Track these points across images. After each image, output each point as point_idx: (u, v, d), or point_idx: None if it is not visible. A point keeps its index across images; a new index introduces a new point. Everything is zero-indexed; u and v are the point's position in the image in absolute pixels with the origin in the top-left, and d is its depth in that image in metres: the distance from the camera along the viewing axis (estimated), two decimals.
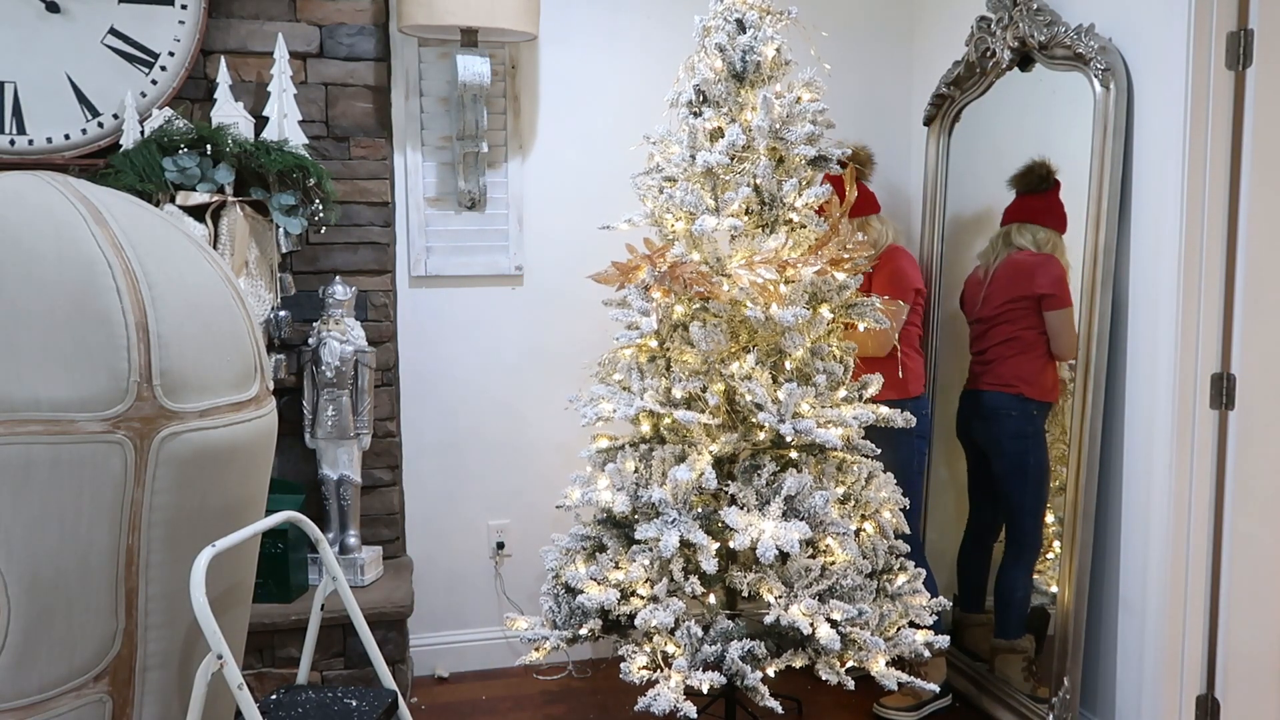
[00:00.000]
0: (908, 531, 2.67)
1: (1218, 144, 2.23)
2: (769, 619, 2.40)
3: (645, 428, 2.55)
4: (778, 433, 2.39)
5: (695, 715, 2.31)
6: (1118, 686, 2.50)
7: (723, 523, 2.41)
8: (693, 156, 2.57)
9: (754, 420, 2.42)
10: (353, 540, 2.89)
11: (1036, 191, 2.77)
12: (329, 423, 2.82)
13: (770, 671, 2.41)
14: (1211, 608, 2.34)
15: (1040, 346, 2.71)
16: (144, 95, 2.70)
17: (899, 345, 2.83)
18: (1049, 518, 2.72)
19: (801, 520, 2.42)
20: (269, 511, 1.99)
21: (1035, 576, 2.77)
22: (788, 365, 2.51)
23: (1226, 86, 2.23)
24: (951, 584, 3.01)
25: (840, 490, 2.55)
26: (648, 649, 2.44)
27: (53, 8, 2.63)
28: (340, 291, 2.82)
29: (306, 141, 2.77)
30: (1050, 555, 2.72)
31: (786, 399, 2.40)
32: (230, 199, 2.62)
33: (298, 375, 2.87)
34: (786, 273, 2.42)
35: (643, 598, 2.47)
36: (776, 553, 2.30)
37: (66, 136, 2.68)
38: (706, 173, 2.54)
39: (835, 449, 2.41)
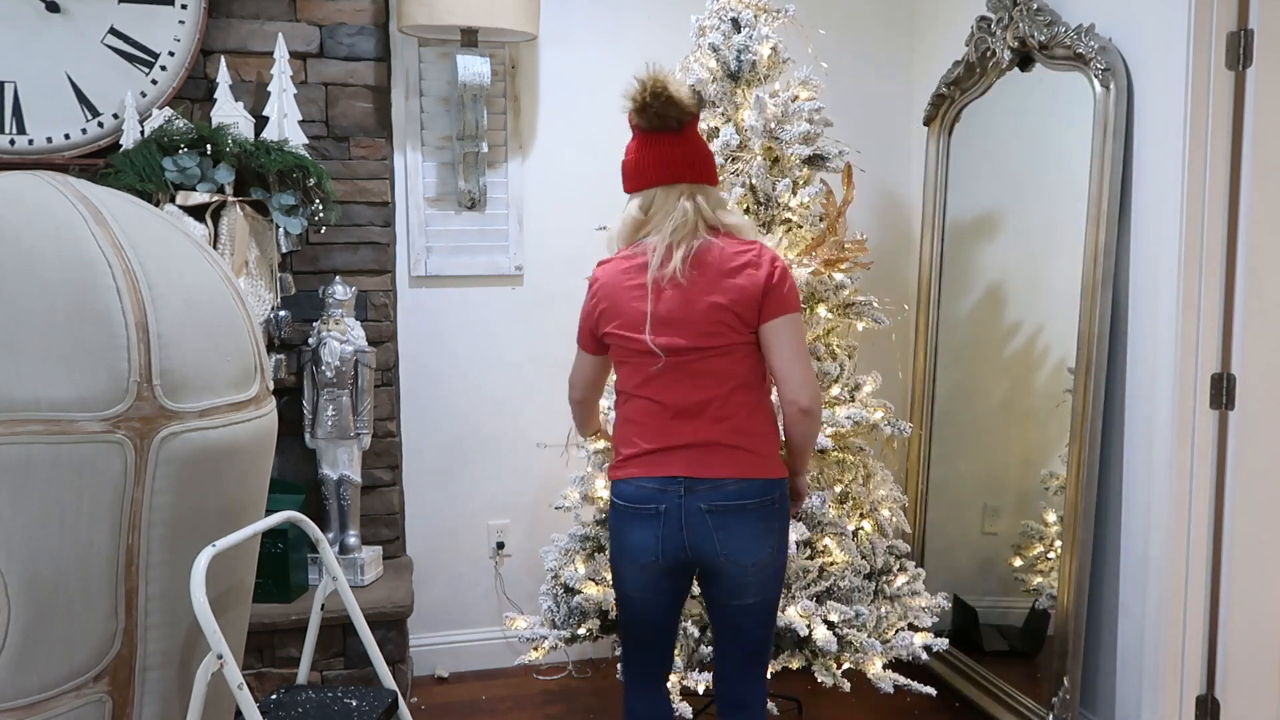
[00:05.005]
0: (908, 530, 2.68)
1: (1218, 144, 2.23)
2: None
3: None
4: None
5: (691, 716, 2.31)
6: (1118, 686, 2.50)
7: None
8: None
9: None
10: (353, 540, 2.89)
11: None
12: (329, 423, 2.83)
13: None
14: (1211, 608, 2.34)
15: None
16: (144, 95, 2.70)
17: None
18: (1050, 517, 2.72)
19: (799, 520, 2.42)
20: (269, 511, 1.99)
21: (1039, 579, 2.77)
22: None
23: (1226, 86, 2.23)
24: (951, 584, 3.01)
25: (838, 489, 2.56)
26: None
27: (53, 7, 2.63)
28: (340, 291, 2.82)
29: (306, 141, 2.77)
30: (1050, 555, 2.72)
31: None
32: (230, 199, 2.62)
33: (298, 375, 2.88)
34: None
35: None
36: None
37: (66, 136, 2.68)
38: None
39: (827, 450, 2.41)
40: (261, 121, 2.74)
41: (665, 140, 1.87)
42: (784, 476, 1.91)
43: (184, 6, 2.71)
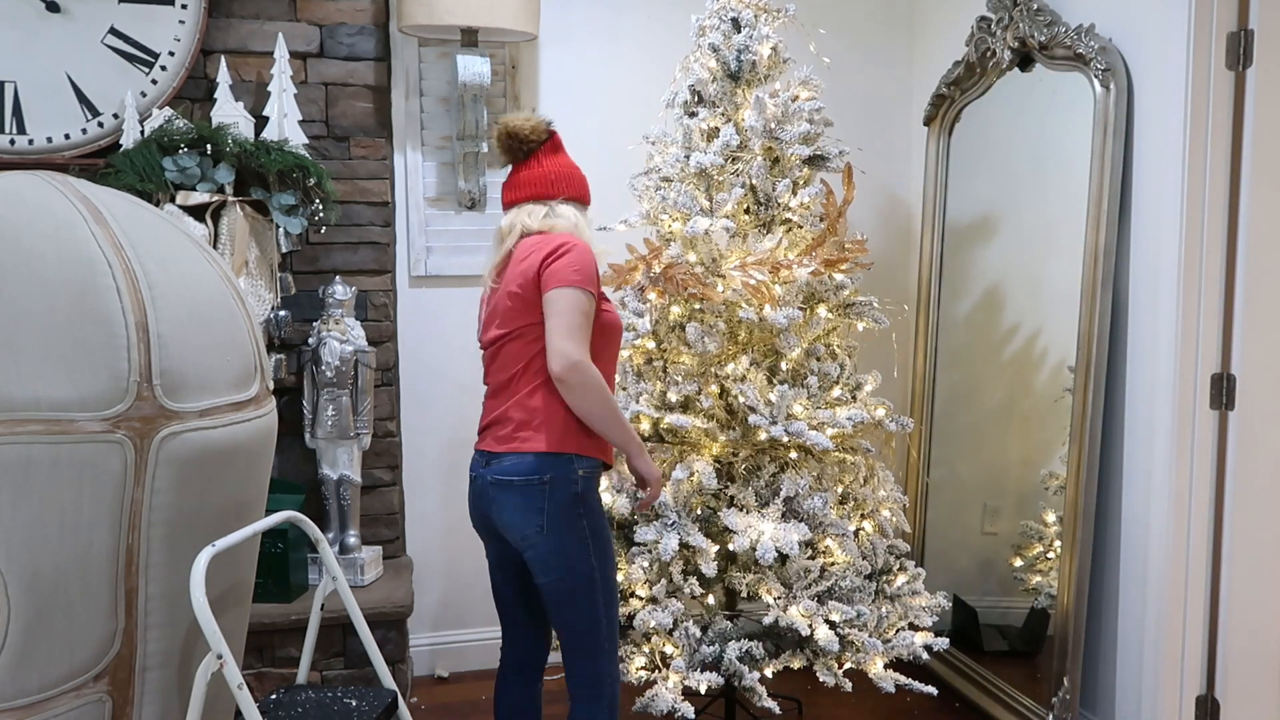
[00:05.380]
0: (908, 530, 2.67)
1: (1218, 144, 2.23)
2: (768, 620, 2.41)
3: (645, 427, 2.55)
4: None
5: (693, 716, 2.31)
6: (1118, 686, 2.50)
7: (722, 524, 2.41)
8: (687, 157, 2.57)
9: (750, 422, 2.43)
10: (353, 540, 2.89)
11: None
12: (329, 423, 2.82)
13: (768, 672, 2.42)
14: (1211, 608, 2.34)
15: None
16: (144, 95, 2.70)
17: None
18: (1050, 517, 2.72)
19: (800, 521, 2.42)
20: (269, 511, 1.99)
21: (1038, 579, 2.76)
22: (784, 366, 2.51)
23: (1226, 86, 2.23)
24: (951, 584, 3.01)
25: (839, 490, 2.56)
26: (646, 649, 2.44)
27: (53, 7, 2.63)
28: (340, 291, 2.82)
29: (306, 141, 2.77)
30: (1050, 555, 2.72)
31: (779, 400, 2.40)
32: (230, 199, 2.62)
33: (298, 375, 2.88)
34: (780, 274, 2.42)
35: (641, 599, 2.47)
36: (775, 554, 2.30)
37: (66, 136, 2.68)
38: (700, 173, 2.54)
39: (827, 450, 2.41)
40: (261, 121, 2.74)
41: (514, 170, 2.11)
42: (566, 453, 1.94)
43: (184, 6, 2.71)
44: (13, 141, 2.65)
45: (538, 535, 1.93)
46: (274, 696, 2.02)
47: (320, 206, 2.71)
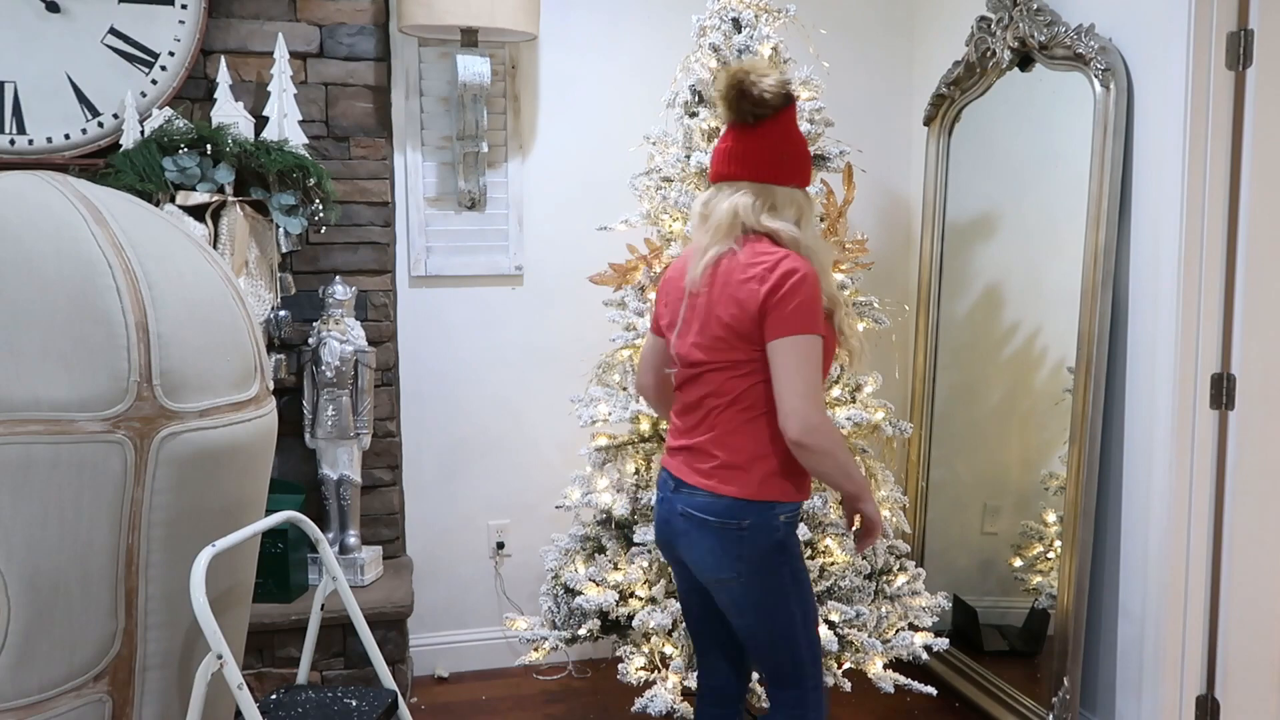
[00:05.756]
0: (908, 530, 2.67)
1: (1218, 144, 2.23)
2: None
3: (645, 427, 2.55)
4: None
5: (692, 716, 2.31)
6: (1118, 686, 2.50)
7: None
8: (688, 157, 2.57)
9: None
10: (353, 540, 2.89)
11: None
12: (329, 423, 2.83)
13: None
14: (1211, 608, 2.34)
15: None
16: (144, 95, 2.70)
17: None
18: (1050, 517, 2.72)
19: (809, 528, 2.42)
20: (269, 511, 1.99)
21: (1039, 579, 2.76)
22: None
23: (1226, 86, 2.23)
24: (951, 584, 3.01)
25: None
26: (645, 650, 2.44)
27: (53, 7, 2.63)
28: (340, 291, 2.82)
29: (306, 141, 2.77)
30: (1050, 555, 2.72)
31: None
32: (230, 199, 2.62)
33: (298, 375, 2.88)
34: None
35: (641, 599, 2.47)
36: None
37: (66, 136, 2.68)
38: (701, 173, 2.54)
39: None
40: (261, 121, 2.74)
41: (733, 136, 1.78)
42: (769, 500, 1.75)
43: (184, 6, 2.71)
44: (13, 141, 2.65)
45: (734, 581, 1.77)
46: (274, 696, 2.02)
47: (320, 206, 2.71)
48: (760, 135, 1.76)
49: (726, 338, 1.73)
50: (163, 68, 2.71)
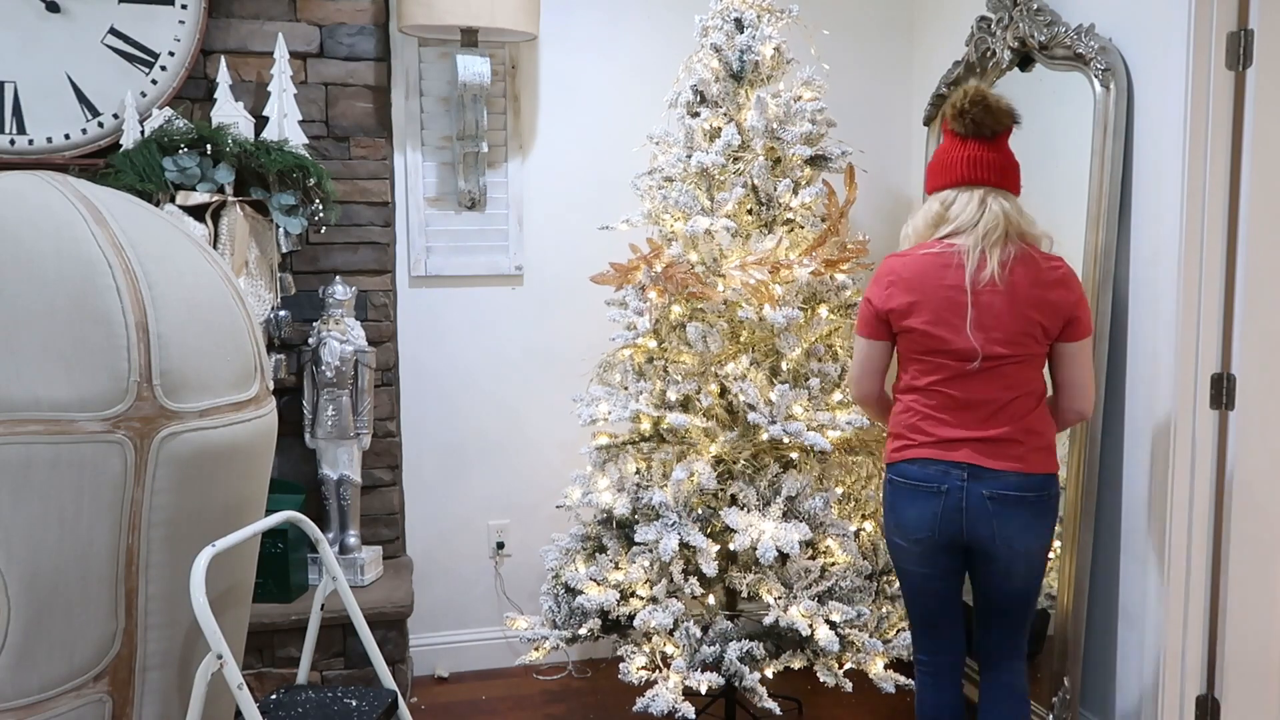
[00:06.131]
0: None
1: (1218, 144, 2.23)
2: (768, 620, 2.41)
3: (645, 426, 2.55)
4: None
5: (693, 716, 2.31)
6: (1118, 686, 2.50)
7: (723, 524, 2.41)
8: (689, 156, 2.57)
9: (750, 420, 2.43)
10: (353, 540, 2.89)
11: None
12: (329, 423, 2.82)
13: (768, 673, 2.42)
14: (1211, 608, 2.34)
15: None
16: (144, 95, 2.70)
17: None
18: None
19: (801, 521, 2.42)
20: (269, 511, 1.99)
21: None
22: (784, 367, 2.51)
23: (1226, 86, 2.23)
24: None
25: (840, 490, 2.55)
26: (647, 649, 2.44)
27: (53, 8, 2.63)
28: (340, 291, 2.82)
29: (306, 141, 2.77)
30: (1050, 556, 2.71)
31: (779, 400, 2.40)
32: (230, 199, 2.62)
33: (298, 375, 2.88)
34: (780, 273, 2.42)
35: (642, 598, 2.47)
36: (776, 554, 2.30)
37: (66, 136, 2.68)
38: (701, 173, 2.55)
39: (825, 451, 2.41)
40: (261, 121, 2.74)
41: (975, 145, 1.98)
42: (1056, 472, 2.02)
43: (184, 6, 2.71)
44: (13, 141, 2.65)
45: (1038, 546, 2.01)
46: (274, 696, 2.02)
47: (320, 206, 2.71)
48: (998, 148, 2.00)
49: (1035, 335, 1.95)
50: (163, 68, 2.71)
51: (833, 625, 2.37)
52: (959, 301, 1.93)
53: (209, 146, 2.57)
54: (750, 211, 2.57)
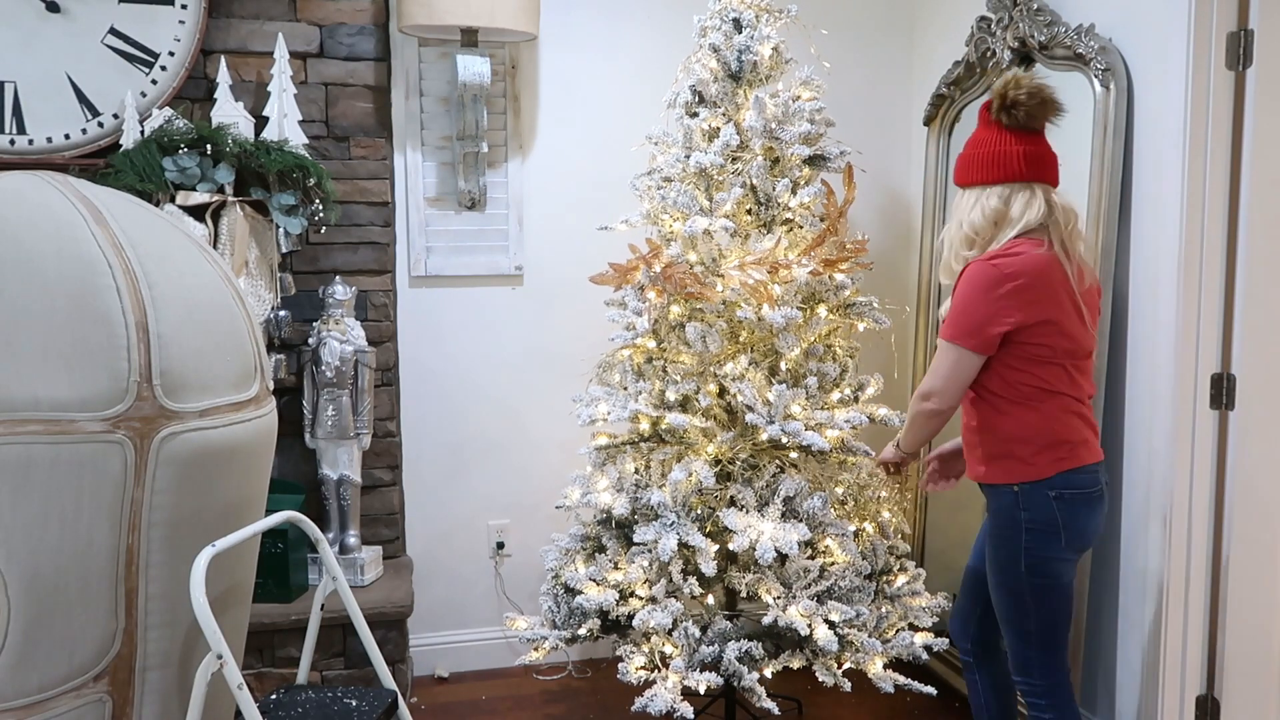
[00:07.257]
0: (908, 530, 2.67)
1: (1218, 144, 2.23)
2: (767, 620, 2.41)
3: (645, 426, 2.55)
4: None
5: (692, 715, 2.31)
6: (1118, 686, 2.50)
7: (722, 524, 2.41)
8: (688, 157, 2.57)
9: (748, 420, 2.43)
10: (353, 540, 2.89)
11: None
12: (329, 423, 2.83)
13: (767, 672, 2.42)
14: (1211, 608, 2.34)
15: None
16: (144, 95, 2.70)
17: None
18: None
19: (800, 521, 2.42)
20: (269, 511, 1.99)
21: None
22: (783, 366, 2.51)
23: (1226, 86, 2.23)
24: (951, 584, 3.01)
25: (839, 490, 2.55)
26: (646, 649, 2.44)
27: (53, 8, 2.63)
28: (340, 291, 2.82)
29: (306, 141, 2.77)
30: None
31: (776, 400, 2.40)
32: (230, 199, 2.62)
33: (298, 375, 2.88)
34: (779, 273, 2.42)
35: (641, 598, 2.47)
36: (775, 554, 2.30)
37: (66, 136, 2.68)
38: (700, 173, 2.55)
39: (824, 451, 2.41)
40: (261, 121, 2.74)
41: (1027, 139, 1.96)
42: None
43: (184, 6, 2.71)
44: (13, 141, 2.65)
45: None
46: (274, 696, 2.02)
47: (320, 206, 2.71)
48: (1045, 142, 2.00)
49: (1091, 329, 2.02)
50: (163, 68, 2.71)
51: (832, 625, 2.37)
52: (1077, 302, 1.95)
53: (209, 146, 2.57)
54: (749, 211, 2.57)
